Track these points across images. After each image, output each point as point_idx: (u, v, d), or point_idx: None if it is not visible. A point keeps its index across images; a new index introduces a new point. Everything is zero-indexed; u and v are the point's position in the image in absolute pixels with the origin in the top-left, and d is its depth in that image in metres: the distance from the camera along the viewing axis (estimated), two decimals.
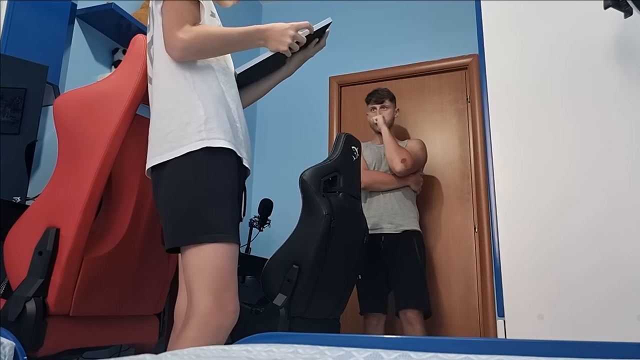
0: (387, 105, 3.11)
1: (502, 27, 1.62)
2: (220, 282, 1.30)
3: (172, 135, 1.37)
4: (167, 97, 1.43)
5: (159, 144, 1.39)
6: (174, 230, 1.36)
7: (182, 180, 1.35)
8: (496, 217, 1.49)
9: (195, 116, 1.38)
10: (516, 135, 1.53)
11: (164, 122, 1.40)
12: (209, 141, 1.35)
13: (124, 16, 2.58)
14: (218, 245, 1.32)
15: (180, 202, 1.35)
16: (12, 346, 0.97)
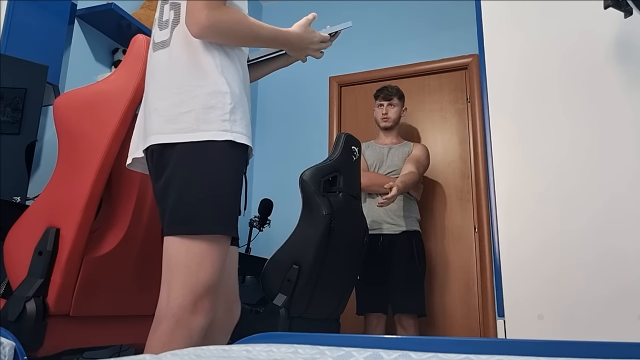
0: (395, 103, 3.08)
1: (502, 27, 1.62)
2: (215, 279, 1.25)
3: (192, 115, 1.25)
4: (188, 70, 1.29)
5: (172, 119, 1.26)
6: (184, 216, 1.24)
7: (198, 168, 1.24)
8: (496, 217, 1.49)
9: (221, 102, 1.26)
10: (516, 135, 1.53)
11: (182, 97, 1.26)
12: (232, 134, 1.26)
13: (124, 16, 2.58)
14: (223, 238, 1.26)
15: (193, 190, 1.24)
16: (12, 346, 0.97)
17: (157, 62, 1.35)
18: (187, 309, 1.20)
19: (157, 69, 1.35)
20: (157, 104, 1.30)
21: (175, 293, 1.21)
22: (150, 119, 1.30)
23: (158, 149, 1.27)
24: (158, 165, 1.28)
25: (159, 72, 1.34)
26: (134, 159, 1.40)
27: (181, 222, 1.25)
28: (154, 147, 1.28)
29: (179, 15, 1.33)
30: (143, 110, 1.38)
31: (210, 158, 1.25)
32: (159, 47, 1.36)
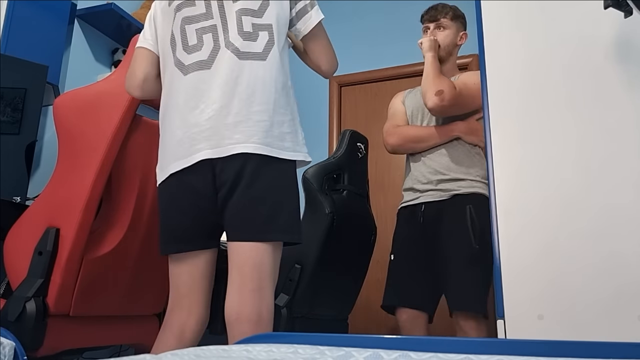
0: (446, 25, 2.20)
1: (502, 27, 1.62)
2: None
3: (292, 137, 1.43)
4: (287, 93, 1.47)
5: (280, 137, 1.40)
6: (284, 224, 1.39)
7: (290, 184, 1.43)
8: (496, 217, 1.48)
9: (299, 128, 1.49)
10: (516, 135, 1.53)
11: (283, 117, 1.42)
12: (307, 155, 1.48)
13: (124, 16, 2.58)
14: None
15: (287, 203, 1.41)
16: (12, 346, 0.97)
17: (255, 73, 1.42)
18: (272, 315, 1.36)
19: (257, 80, 1.41)
20: (262, 117, 1.39)
21: (270, 299, 1.35)
22: (249, 127, 1.37)
23: (253, 157, 1.36)
24: (256, 172, 1.37)
25: (261, 84, 1.41)
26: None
27: (287, 231, 1.39)
28: (249, 154, 1.36)
29: (274, 38, 1.46)
30: (222, 111, 1.38)
31: (294, 175, 1.45)
32: (251, 58, 1.43)
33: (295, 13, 1.53)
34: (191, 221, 1.41)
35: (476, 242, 1.91)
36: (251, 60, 1.42)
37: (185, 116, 1.40)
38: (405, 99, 2.30)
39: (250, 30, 1.44)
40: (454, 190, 2.02)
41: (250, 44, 1.43)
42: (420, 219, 2.08)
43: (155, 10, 1.57)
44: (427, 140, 2.10)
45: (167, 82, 1.49)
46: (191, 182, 1.39)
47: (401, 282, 2.10)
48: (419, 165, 2.12)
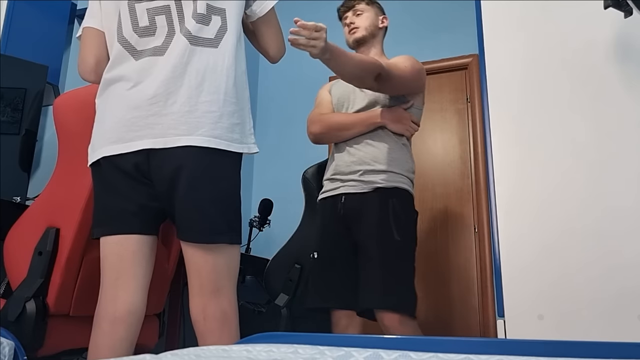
0: (362, 9, 2.11)
1: (502, 27, 1.62)
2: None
3: (240, 128, 1.37)
4: (240, 82, 1.40)
5: (229, 128, 1.33)
6: (225, 225, 1.34)
7: (237, 179, 1.39)
8: (496, 217, 1.49)
9: (248, 118, 1.42)
10: (516, 135, 1.53)
11: (233, 107, 1.36)
12: (254, 147, 1.41)
13: None
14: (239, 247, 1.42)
15: (233, 200, 1.37)
16: (12, 346, 0.97)
17: (205, 61, 1.35)
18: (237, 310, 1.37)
19: (207, 68, 1.35)
20: (210, 107, 1.32)
21: (231, 296, 1.35)
22: (196, 117, 1.30)
23: (199, 150, 1.29)
24: (199, 167, 1.30)
25: (211, 73, 1.35)
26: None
27: (236, 230, 1.37)
28: (193, 147, 1.29)
29: (226, 23, 1.39)
30: (169, 99, 1.32)
31: (238, 170, 1.39)
32: (202, 44, 1.36)
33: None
34: (126, 204, 1.34)
35: (398, 235, 1.82)
36: (202, 47, 1.36)
37: (129, 100, 1.33)
38: (331, 88, 2.18)
39: (204, 12, 1.37)
40: (377, 183, 1.90)
41: (202, 28, 1.37)
42: (340, 211, 1.94)
43: None
44: (351, 128, 1.97)
45: (113, 60, 1.41)
46: (126, 167, 1.32)
47: (325, 281, 1.95)
48: (343, 155, 2.00)
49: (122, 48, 1.38)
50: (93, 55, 1.46)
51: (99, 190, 1.39)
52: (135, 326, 1.35)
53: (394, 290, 1.80)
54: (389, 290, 1.79)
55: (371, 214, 1.88)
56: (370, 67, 1.79)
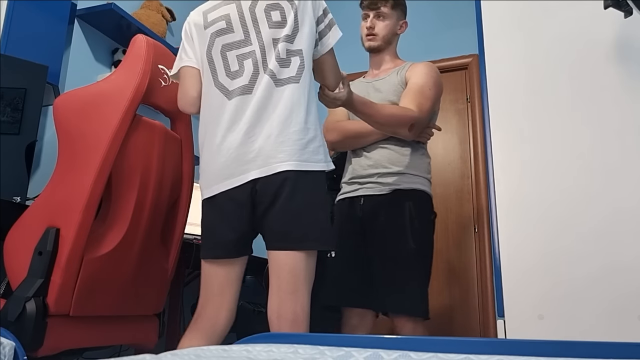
0: (386, 14, 2.11)
1: (502, 27, 1.62)
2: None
3: (322, 149, 1.57)
4: (314, 110, 1.61)
5: (311, 152, 1.53)
6: (319, 234, 1.52)
7: (324, 193, 1.57)
8: (496, 217, 1.49)
9: (323, 139, 1.61)
10: (516, 135, 1.53)
11: (314, 133, 1.56)
12: (331, 163, 1.60)
13: (124, 16, 2.58)
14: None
15: (324, 210, 1.56)
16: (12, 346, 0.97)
17: (290, 96, 1.56)
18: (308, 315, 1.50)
19: (293, 103, 1.55)
20: (299, 136, 1.53)
21: (304, 300, 1.49)
22: (289, 146, 1.51)
23: (294, 173, 1.50)
24: (295, 187, 1.50)
25: (297, 107, 1.55)
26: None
27: (316, 239, 1.52)
28: (290, 171, 1.49)
29: (304, 61, 1.59)
30: (265, 134, 1.52)
31: (325, 183, 1.59)
32: (286, 83, 1.56)
33: (318, 33, 1.66)
34: (231, 232, 1.55)
35: (413, 242, 1.84)
36: (286, 85, 1.56)
37: (229, 138, 1.54)
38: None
39: (285, 56, 1.58)
40: (395, 185, 1.92)
41: (284, 70, 1.57)
42: (359, 213, 1.97)
43: (191, 30, 1.68)
44: (368, 136, 2.00)
45: (208, 103, 1.61)
46: (237, 198, 1.53)
47: (341, 280, 1.97)
48: (360, 158, 2.03)
49: (219, 91, 1.59)
50: (195, 90, 1.65)
51: (212, 219, 1.59)
52: (226, 332, 1.58)
53: (408, 294, 1.83)
54: (402, 293, 1.83)
55: (388, 217, 1.91)
56: (403, 121, 1.89)
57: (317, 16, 1.66)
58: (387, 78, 2.07)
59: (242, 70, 1.58)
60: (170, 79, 1.77)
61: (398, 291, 1.84)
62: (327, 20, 1.68)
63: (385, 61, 2.14)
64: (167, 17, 2.98)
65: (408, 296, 1.83)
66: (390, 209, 1.91)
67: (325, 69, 1.73)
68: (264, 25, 1.59)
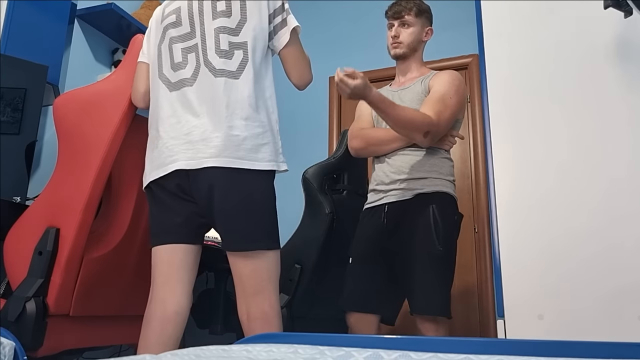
0: (411, 22, 2.12)
1: (502, 27, 1.62)
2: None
3: (267, 148, 1.53)
4: (262, 107, 1.55)
5: (255, 149, 1.50)
6: (265, 234, 1.51)
7: (267, 192, 1.54)
8: (496, 217, 1.48)
9: (277, 138, 1.59)
10: (516, 135, 1.53)
11: (257, 130, 1.52)
12: (283, 164, 1.59)
13: (124, 16, 2.58)
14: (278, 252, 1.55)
15: (266, 210, 1.53)
16: (12, 346, 0.97)
17: (228, 91, 1.51)
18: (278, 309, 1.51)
19: (230, 98, 1.51)
20: (233, 132, 1.48)
21: (272, 297, 1.49)
22: (222, 141, 1.47)
23: (225, 170, 1.46)
24: (237, 185, 1.48)
25: (234, 102, 1.51)
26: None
27: (272, 237, 1.52)
28: (220, 167, 1.46)
29: (248, 56, 1.55)
30: (199, 127, 1.50)
31: (272, 185, 1.56)
32: (225, 75, 1.52)
33: (272, 27, 1.61)
34: (172, 218, 1.53)
35: (439, 244, 1.85)
36: (225, 78, 1.52)
37: (167, 129, 1.53)
38: None
39: (227, 48, 1.54)
40: (418, 189, 1.94)
41: (226, 62, 1.53)
42: (383, 220, 1.99)
43: (151, 26, 1.70)
44: (390, 143, 2.03)
45: (154, 95, 1.60)
46: (169, 187, 1.52)
47: (357, 286, 2.01)
48: (383, 165, 2.05)
49: (162, 83, 1.58)
50: (143, 85, 1.65)
51: (151, 208, 1.58)
52: (181, 325, 1.52)
53: (431, 295, 1.84)
54: (425, 294, 1.85)
55: (412, 219, 1.92)
56: (418, 126, 1.87)
57: (275, 8, 1.61)
58: (411, 87, 2.08)
59: (185, 62, 1.57)
60: None
61: (421, 292, 1.86)
62: (285, 14, 1.62)
63: (411, 69, 2.14)
64: None
65: (431, 296, 1.85)
66: (414, 212, 1.92)
67: (285, 64, 1.66)
68: (209, 16, 1.57)
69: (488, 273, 3.07)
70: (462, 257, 3.20)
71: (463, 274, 3.18)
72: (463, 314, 3.12)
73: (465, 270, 3.18)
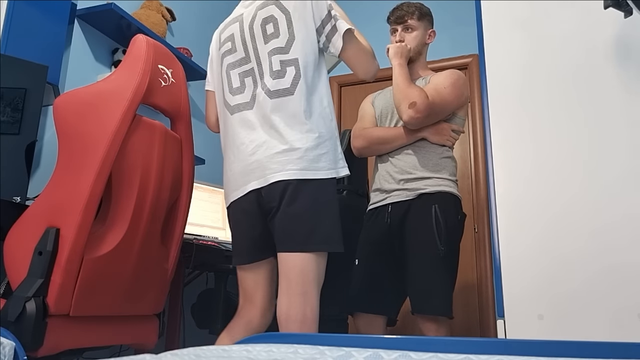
0: (414, 25, 2.16)
1: (502, 27, 1.62)
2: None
3: (327, 157, 1.60)
4: (320, 118, 1.63)
5: (310, 161, 1.57)
6: (323, 236, 1.56)
7: (329, 199, 1.60)
8: (496, 217, 1.48)
9: (336, 147, 1.65)
10: (516, 135, 1.53)
11: (316, 142, 1.59)
12: (343, 170, 1.66)
13: (124, 16, 2.58)
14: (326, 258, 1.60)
15: (327, 215, 1.59)
16: (12, 346, 0.97)
17: (284, 108, 1.61)
18: (317, 316, 1.55)
19: (287, 114, 1.60)
20: (295, 145, 1.58)
21: (313, 301, 1.54)
22: (285, 156, 1.57)
23: (290, 182, 1.56)
24: (294, 193, 1.56)
25: (292, 117, 1.60)
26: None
27: (331, 241, 1.57)
28: (286, 180, 1.56)
29: (300, 71, 1.62)
30: (262, 146, 1.61)
31: (332, 190, 1.64)
32: (281, 95, 1.62)
33: (325, 37, 1.68)
34: (244, 239, 1.69)
35: (442, 244, 1.87)
36: (281, 97, 1.61)
37: (235, 152, 1.68)
38: (374, 100, 2.26)
39: (279, 68, 1.63)
40: (420, 189, 1.96)
41: (279, 81, 1.62)
42: (387, 220, 2.02)
43: (212, 52, 1.86)
44: (393, 142, 2.07)
45: (222, 120, 1.78)
46: (244, 207, 1.66)
47: (363, 288, 2.03)
48: (386, 165, 2.08)
49: (225, 108, 1.74)
50: (213, 113, 1.86)
51: (232, 229, 1.74)
52: (263, 327, 1.69)
53: (432, 294, 1.87)
54: (427, 293, 1.87)
55: (415, 219, 1.94)
56: (409, 93, 1.96)
57: (321, 19, 1.67)
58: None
59: (243, 87, 1.69)
60: (170, 79, 1.77)
61: (423, 291, 1.88)
62: (333, 20, 1.68)
63: (416, 72, 2.18)
64: (167, 17, 2.98)
65: (432, 296, 1.86)
66: (417, 212, 1.94)
67: (350, 65, 1.76)
68: (260, 41, 1.67)
69: (488, 273, 3.07)
70: (462, 257, 3.19)
71: (463, 273, 3.18)
72: (463, 314, 3.12)
73: (465, 270, 3.18)
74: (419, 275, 1.89)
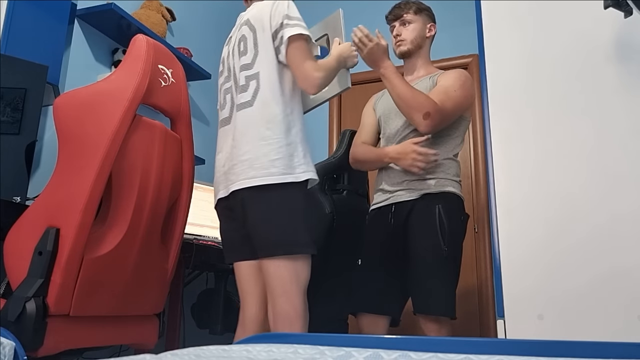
0: (410, 19, 2.13)
1: (502, 27, 1.62)
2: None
3: (281, 162, 1.62)
4: (277, 125, 1.65)
5: (260, 168, 1.62)
6: (286, 240, 1.61)
7: (289, 203, 1.63)
8: (496, 217, 1.48)
9: (294, 151, 1.65)
10: (516, 135, 1.53)
11: (268, 148, 1.63)
12: (302, 175, 1.65)
13: (124, 16, 2.58)
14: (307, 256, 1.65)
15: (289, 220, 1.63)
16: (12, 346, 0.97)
17: (244, 120, 1.69)
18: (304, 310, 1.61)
19: (245, 127, 1.68)
20: (244, 156, 1.65)
21: (296, 300, 1.59)
22: (238, 167, 1.66)
23: (245, 190, 1.63)
24: (251, 201, 1.65)
25: (247, 128, 1.67)
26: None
27: (296, 243, 1.61)
28: (242, 189, 1.64)
29: (259, 84, 1.69)
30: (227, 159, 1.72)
31: (289, 195, 1.66)
32: (242, 107, 1.70)
33: (276, 46, 1.71)
34: (228, 239, 1.80)
35: (445, 245, 1.86)
36: (243, 110, 1.70)
37: (216, 163, 1.81)
38: (376, 104, 2.24)
39: (244, 83, 1.72)
40: (424, 189, 1.94)
41: (242, 95, 1.71)
42: (391, 220, 2.00)
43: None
44: (370, 164, 2.15)
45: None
46: (222, 212, 1.80)
47: (367, 288, 2.02)
48: (390, 165, 2.06)
49: (220, 121, 1.85)
50: None
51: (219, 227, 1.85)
52: (258, 326, 1.73)
53: (434, 294, 1.86)
54: (429, 293, 1.87)
55: (418, 219, 1.93)
56: (420, 105, 1.88)
57: (275, 29, 1.69)
58: (419, 83, 2.06)
59: (225, 103, 1.81)
60: (170, 79, 1.77)
61: (425, 291, 1.87)
62: (282, 31, 1.68)
63: (418, 68, 2.14)
64: (167, 17, 2.98)
65: (434, 296, 1.86)
66: (420, 212, 1.93)
67: (293, 73, 1.72)
68: (237, 59, 1.77)
69: (488, 273, 3.07)
70: (463, 257, 3.19)
71: (463, 273, 3.17)
72: (463, 314, 3.11)
73: (465, 270, 3.18)
74: (422, 276, 1.88)
